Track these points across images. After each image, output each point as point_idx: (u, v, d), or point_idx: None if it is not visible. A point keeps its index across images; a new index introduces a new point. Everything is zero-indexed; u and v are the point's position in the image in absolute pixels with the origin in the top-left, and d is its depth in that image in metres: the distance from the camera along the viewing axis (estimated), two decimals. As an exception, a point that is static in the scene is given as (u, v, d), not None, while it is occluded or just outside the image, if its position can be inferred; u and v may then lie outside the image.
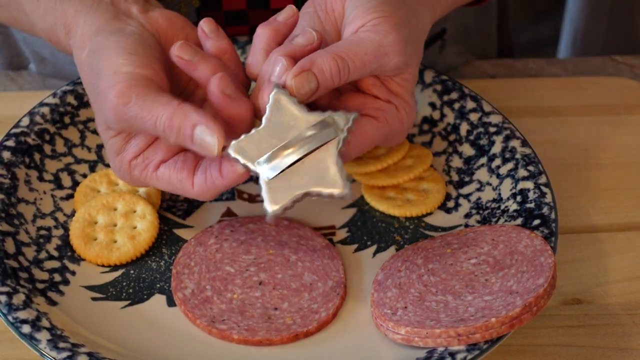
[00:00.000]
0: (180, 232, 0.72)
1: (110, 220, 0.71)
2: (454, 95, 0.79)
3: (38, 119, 0.74)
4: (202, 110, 0.61)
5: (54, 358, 0.60)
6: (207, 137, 0.60)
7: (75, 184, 0.74)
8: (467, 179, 0.75)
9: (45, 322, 0.62)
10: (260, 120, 0.63)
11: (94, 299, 0.67)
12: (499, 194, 0.72)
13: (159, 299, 0.67)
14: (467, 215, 0.73)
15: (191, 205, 0.74)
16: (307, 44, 0.64)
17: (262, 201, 0.62)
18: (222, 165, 0.63)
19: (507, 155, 0.74)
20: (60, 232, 0.70)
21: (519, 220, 0.69)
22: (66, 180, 0.74)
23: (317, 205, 0.74)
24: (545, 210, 0.69)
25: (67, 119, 0.75)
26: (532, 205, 0.70)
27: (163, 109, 0.61)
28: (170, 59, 0.65)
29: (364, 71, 0.64)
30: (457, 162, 0.76)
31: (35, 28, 0.70)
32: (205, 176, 0.63)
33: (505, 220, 0.70)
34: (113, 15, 0.66)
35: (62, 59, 0.89)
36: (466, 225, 0.72)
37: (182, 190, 0.64)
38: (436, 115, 0.79)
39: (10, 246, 0.67)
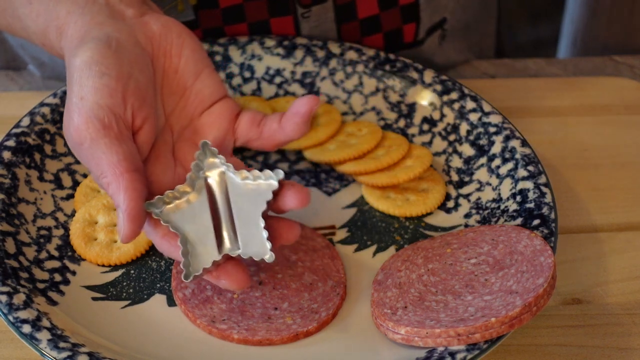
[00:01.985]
0: (180, 232, 0.72)
1: (110, 220, 0.71)
2: (454, 95, 0.79)
3: (38, 119, 0.74)
4: (134, 193, 0.60)
5: (54, 358, 0.60)
6: (119, 222, 0.60)
7: (76, 184, 0.74)
8: (467, 179, 0.75)
9: (45, 322, 0.62)
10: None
11: (94, 298, 0.67)
12: (499, 194, 0.72)
13: (159, 299, 0.67)
14: (467, 215, 0.73)
15: (191, 205, 0.74)
16: None
17: None
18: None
19: (507, 155, 0.74)
20: (60, 232, 0.71)
21: (519, 220, 0.69)
22: (66, 180, 0.74)
23: (317, 205, 0.74)
24: (545, 210, 0.69)
25: (67, 119, 0.75)
26: (531, 205, 0.70)
27: (107, 168, 0.60)
28: (158, 70, 0.65)
29: None
30: (457, 162, 0.77)
31: (29, 32, 0.69)
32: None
33: (505, 220, 0.70)
34: (104, 18, 0.64)
35: (60, 63, 0.89)
36: (466, 225, 0.72)
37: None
38: (436, 115, 0.79)
39: (10, 246, 0.67)
